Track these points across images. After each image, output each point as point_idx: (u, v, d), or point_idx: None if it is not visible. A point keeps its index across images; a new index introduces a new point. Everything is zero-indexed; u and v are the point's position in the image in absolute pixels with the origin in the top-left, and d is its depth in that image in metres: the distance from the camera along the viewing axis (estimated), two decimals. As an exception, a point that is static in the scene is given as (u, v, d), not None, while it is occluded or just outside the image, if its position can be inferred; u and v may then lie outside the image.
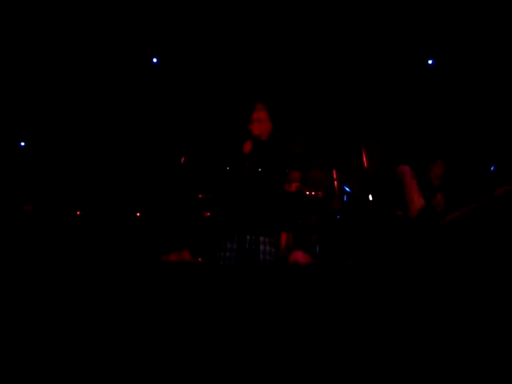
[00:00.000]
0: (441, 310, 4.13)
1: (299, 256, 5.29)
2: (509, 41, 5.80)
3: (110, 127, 6.84)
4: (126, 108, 6.84)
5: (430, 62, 6.23)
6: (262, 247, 3.48)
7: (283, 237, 5.42)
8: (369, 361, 3.30)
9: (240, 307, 3.38)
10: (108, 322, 3.99)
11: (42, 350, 3.47)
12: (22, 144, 6.70)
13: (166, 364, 3.25)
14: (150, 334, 3.75)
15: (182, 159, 6.13)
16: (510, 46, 5.82)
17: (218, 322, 3.35)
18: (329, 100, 6.82)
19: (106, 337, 3.70)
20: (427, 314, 4.05)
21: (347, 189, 5.59)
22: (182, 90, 6.79)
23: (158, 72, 6.77)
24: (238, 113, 3.92)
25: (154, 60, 6.67)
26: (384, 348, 3.53)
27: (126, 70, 6.71)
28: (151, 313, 4.12)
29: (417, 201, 4.85)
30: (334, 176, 5.73)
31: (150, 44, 6.59)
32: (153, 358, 3.33)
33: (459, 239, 4.76)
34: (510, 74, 5.91)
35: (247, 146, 3.51)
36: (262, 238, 3.50)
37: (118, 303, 4.34)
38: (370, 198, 5.61)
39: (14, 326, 3.84)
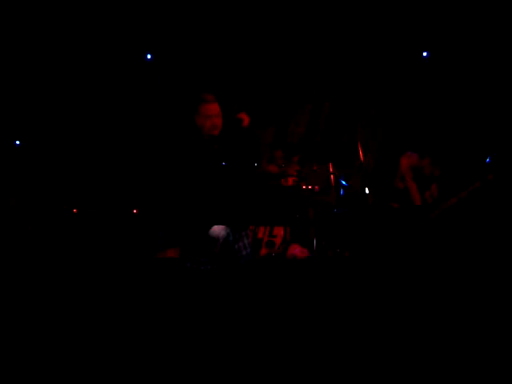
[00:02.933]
0: (439, 302, 4.15)
1: (297, 250, 5.30)
2: (504, 33, 5.82)
3: (105, 124, 6.82)
4: (122, 106, 6.81)
5: (424, 54, 6.23)
6: (240, 243, 3.40)
7: (280, 231, 5.43)
8: (367, 355, 3.31)
9: (238, 303, 3.38)
10: (104, 319, 3.99)
11: (38, 348, 3.46)
12: (17, 143, 6.67)
13: (162, 362, 3.25)
14: (146, 331, 3.75)
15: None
16: (506, 38, 5.83)
17: (215, 318, 3.35)
18: (325, 93, 6.82)
19: (101, 334, 3.70)
20: (425, 307, 4.06)
21: (344, 182, 5.58)
22: (178, 85, 6.77)
23: (151, 68, 6.75)
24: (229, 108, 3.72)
25: (148, 56, 6.65)
26: (382, 342, 3.53)
27: (119, 67, 6.68)
28: (148, 310, 4.11)
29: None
30: (331, 170, 5.72)
31: (144, 42, 6.57)
32: (148, 356, 3.32)
33: (454, 227, 4.79)
34: (505, 66, 5.92)
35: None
36: (242, 233, 3.42)
37: (114, 301, 4.33)
38: (367, 191, 5.61)
39: (11, 323, 3.83)
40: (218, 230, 3.29)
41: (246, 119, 3.35)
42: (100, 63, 6.57)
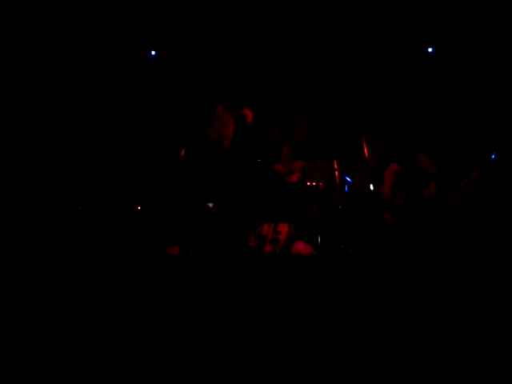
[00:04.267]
0: (443, 299, 4.14)
1: (301, 247, 5.30)
2: (505, 33, 5.80)
3: (110, 121, 6.83)
4: (126, 101, 6.82)
5: (429, 49, 6.21)
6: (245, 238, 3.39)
7: (285, 228, 5.42)
8: (370, 353, 3.31)
9: (242, 298, 3.38)
10: (108, 315, 4.00)
11: (42, 341, 3.47)
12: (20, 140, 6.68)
13: (165, 359, 3.26)
14: (150, 327, 3.75)
15: (182, 152, 6.12)
16: (506, 37, 5.82)
17: (219, 313, 3.35)
18: (330, 91, 6.82)
19: (105, 331, 3.71)
20: (430, 305, 4.06)
21: (348, 179, 5.57)
22: (180, 83, 6.77)
23: (156, 66, 6.76)
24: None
25: (153, 53, 6.66)
26: (386, 340, 3.53)
27: (124, 64, 6.69)
28: (153, 305, 4.12)
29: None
30: (335, 166, 5.71)
31: (148, 39, 6.58)
32: (152, 353, 3.33)
33: (459, 218, 4.79)
34: (507, 64, 5.90)
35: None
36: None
37: (119, 297, 4.34)
38: (371, 187, 5.60)
39: (15, 319, 3.84)
40: None
41: (249, 115, 3.32)
42: (110, 67, 6.62)
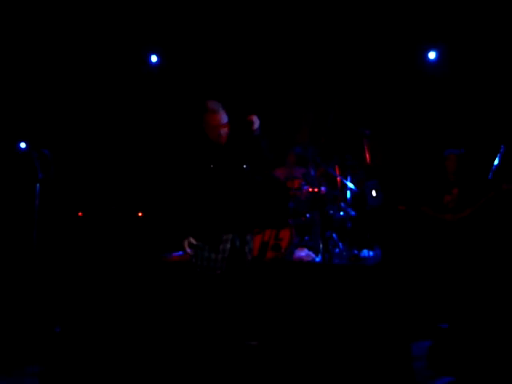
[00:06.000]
0: (442, 302, 4.10)
1: (303, 254, 5.25)
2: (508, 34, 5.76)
3: (112, 128, 6.81)
4: (127, 109, 6.81)
5: (433, 56, 6.18)
6: (246, 248, 3.32)
7: (286, 234, 5.38)
8: (369, 358, 3.26)
9: (244, 305, 3.34)
10: (110, 320, 3.98)
11: (44, 348, 3.44)
12: (23, 146, 6.66)
13: (166, 362, 3.22)
14: (151, 332, 3.72)
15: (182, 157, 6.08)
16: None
17: (222, 320, 3.31)
18: (332, 95, 6.80)
19: (108, 335, 3.68)
20: (428, 308, 4.02)
21: (350, 185, 5.52)
22: (182, 90, 6.76)
23: (157, 73, 6.76)
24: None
25: (154, 60, 6.66)
26: (386, 346, 3.48)
27: (126, 71, 6.69)
28: (153, 312, 4.09)
29: None
30: (337, 172, 5.67)
31: (150, 45, 6.60)
32: (152, 357, 3.30)
33: (469, 235, 4.73)
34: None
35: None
36: (248, 237, 3.34)
37: (121, 303, 4.31)
38: (374, 194, 5.54)
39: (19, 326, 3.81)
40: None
41: (255, 122, 3.22)
42: (109, 70, 6.62)
